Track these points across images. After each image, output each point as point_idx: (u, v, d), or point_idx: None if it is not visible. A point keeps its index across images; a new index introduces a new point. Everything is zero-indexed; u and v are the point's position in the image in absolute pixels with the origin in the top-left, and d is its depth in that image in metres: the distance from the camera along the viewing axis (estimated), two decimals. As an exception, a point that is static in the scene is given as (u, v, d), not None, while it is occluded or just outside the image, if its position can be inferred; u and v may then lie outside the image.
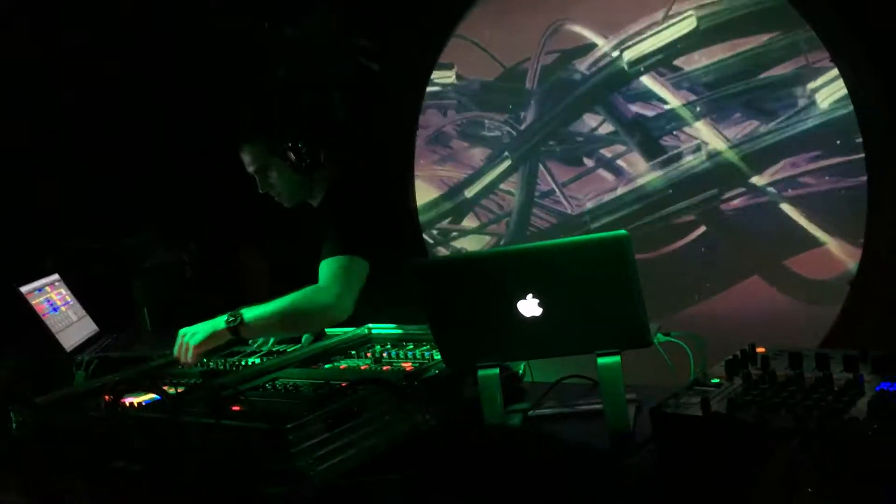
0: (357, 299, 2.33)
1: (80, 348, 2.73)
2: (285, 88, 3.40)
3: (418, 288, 1.58)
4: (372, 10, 3.91)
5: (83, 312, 2.96)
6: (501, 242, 3.99)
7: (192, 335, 2.19)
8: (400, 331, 2.31)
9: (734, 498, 1.05)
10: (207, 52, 3.78)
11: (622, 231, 1.42)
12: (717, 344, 1.75)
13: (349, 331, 2.39)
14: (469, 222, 4.17)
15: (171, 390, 1.90)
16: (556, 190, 3.91)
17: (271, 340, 2.39)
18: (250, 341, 2.37)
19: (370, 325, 2.39)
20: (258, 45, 3.69)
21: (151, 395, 1.90)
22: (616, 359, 1.55)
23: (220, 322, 2.19)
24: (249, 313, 2.22)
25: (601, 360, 1.55)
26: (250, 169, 2.52)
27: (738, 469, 1.13)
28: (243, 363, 2.23)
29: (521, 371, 2.04)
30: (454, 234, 4.21)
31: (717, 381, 1.50)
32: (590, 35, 3.71)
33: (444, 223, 4.25)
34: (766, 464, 1.05)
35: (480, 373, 1.62)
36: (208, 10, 3.83)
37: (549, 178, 3.91)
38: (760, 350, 1.61)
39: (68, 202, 3.49)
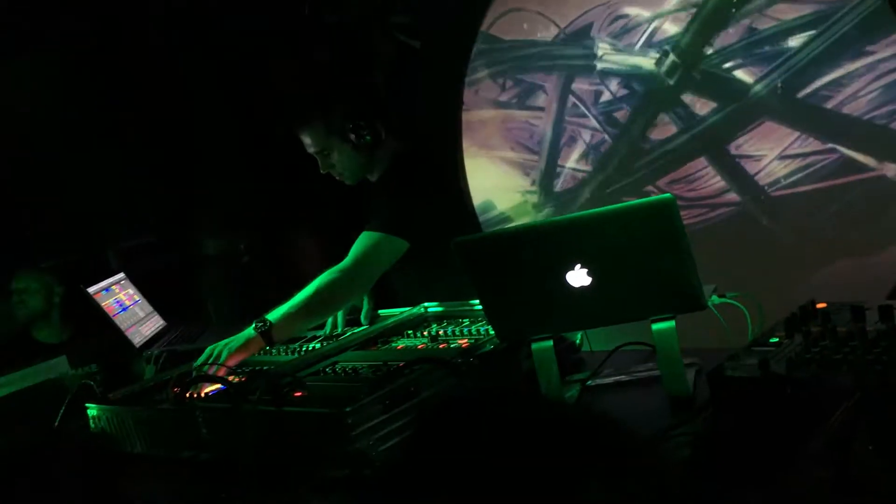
0: (381, 276, 2.38)
1: (149, 343, 2.81)
2: (336, 69, 3.42)
3: (464, 265, 1.58)
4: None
5: (150, 308, 3.04)
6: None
7: (225, 345, 2.15)
8: (456, 308, 2.33)
9: (792, 459, 1.03)
10: (253, 42, 3.81)
11: (667, 195, 1.39)
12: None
13: (405, 311, 2.41)
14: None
15: (235, 380, 1.95)
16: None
17: (340, 319, 2.44)
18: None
19: (426, 304, 2.41)
20: (298, 31, 3.70)
21: (217, 385, 1.96)
22: (671, 324, 1.53)
23: (249, 331, 2.18)
24: (275, 314, 2.21)
25: (656, 326, 1.54)
26: (311, 150, 2.53)
27: (796, 430, 1.11)
28: (304, 349, 2.27)
29: (578, 341, 2.03)
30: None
31: (776, 340, 1.47)
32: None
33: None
34: (823, 423, 1.03)
35: (534, 345, 1.62)
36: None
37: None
38: (821, 305, 1.56)
39: (122, 201, 3.57)
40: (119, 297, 2.88)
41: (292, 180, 2.67)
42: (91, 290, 2.73)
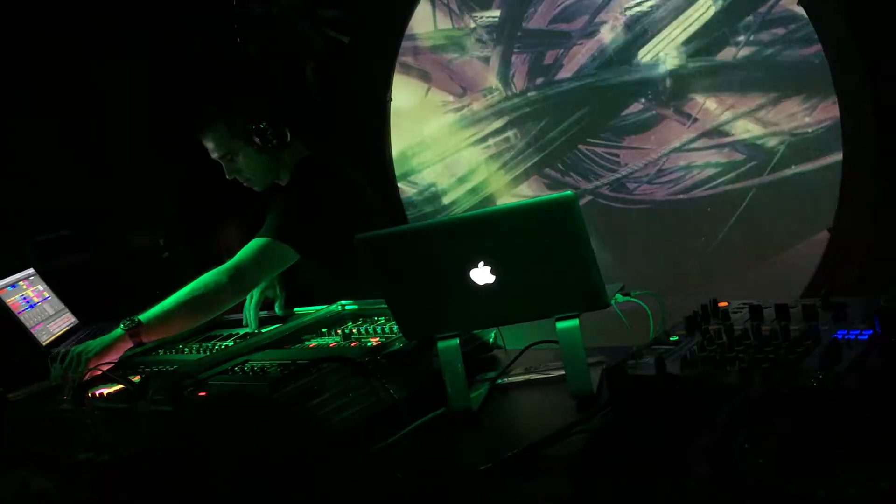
0: (268, 280, 2.37)
1: (58, 341, 2.71)
2: (246, 67, 3.36)
3: (368, 262, 1.56)
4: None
5: (61, 305, 2.94)
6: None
7: (84, 349, 2.07)
8: (372, 306, 2.30)
9: (676, 457, 1.03)
10: (173, 34, 3.72)
11: (568, 192, 1.39)
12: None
13: (322, 308, 2.38)
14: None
15: (137, 379, 1.89)
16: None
17: (253, 316, 2.39)
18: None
19: (343, 302, 2.37)
20: (224, 25, 3.63)
21: (120, 385, 1.89)
22: (574, 322, 1.52)
23: (117, 331, 2.11)
24: (147, 314, 2.15)
25: (559, 325, 1.53)
26: (214, 155, 2.47)
27: (684, 427, 1.11)
28: (215, 347, 2.22)
29: (491, 339, 2.02)
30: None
31: (675, 338, 1.48)
32: None
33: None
34: (704, 423, 1.03)
35: (440, 344, 1.60)
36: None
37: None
38: (722, 304, 1.58)
39: (37, 195, 3.45)
40: (27, 293, 2.77)
41: (214, 174, 2.60)
42: (-5, 286, 2.63)
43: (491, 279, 1.49)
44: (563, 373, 1.70)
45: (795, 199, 3.21)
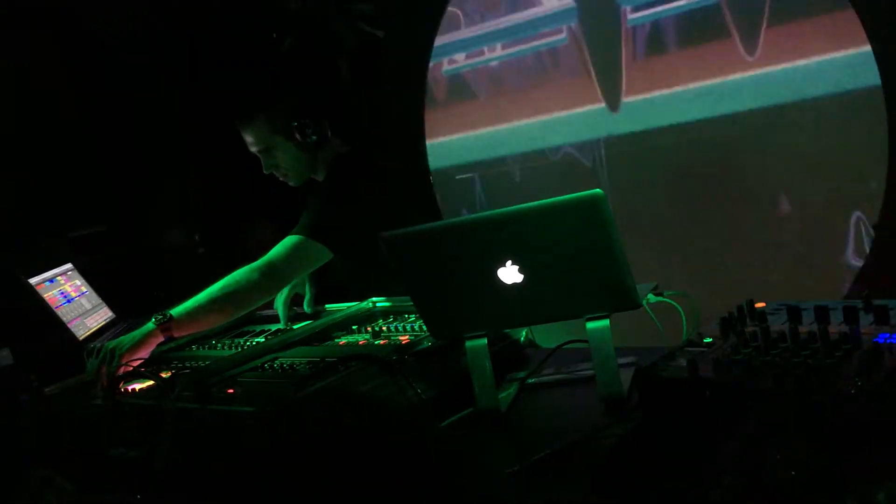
0: (300, 278, 2.37)
1: (95, 336, 2.74)
2: (286, 62, 3.35)
3: (394, 260, 1.54)
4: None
5: (98, 300, 2.97)
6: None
7: (118, 344, 2.07)
8: (403, 303, 2.28)
9: (703, 465, 0.99)
10: (207, 30, 3.74)
11: (597, 190, 1.35)
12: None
13: (353, 305, 2.37)
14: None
15: (167, 375, 1.90)
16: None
17: (282, 313, 2.39)
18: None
19: (374, 299, 2.36)
20: (260, 19, 3.64)
21: (151, 381, 1.90)
22: (604, 322, 1.49)
23: (149, 325, 2.12)
24: (179, 308, 2.15)
25: (590, 325, 1.50)
26: (253, 149, 2.47)
27: (714, 434, 1.07)
28: (247, 344, 2.22)
29: (522, 337, 1.99)
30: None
31: (709, 340, 1.43)
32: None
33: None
34: (739, 428, 0.99)
35: (468, 343, 1.58)
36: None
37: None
38: (759, 305, 1.53)
39: (72, 190, 3.49)
40: (64, 287, 2.81)
41: (250, 169, 2.60)
42: (33, 280, 2.66)
43: (519, 278, 1.46)
44: (592, 373, 1.68)
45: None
